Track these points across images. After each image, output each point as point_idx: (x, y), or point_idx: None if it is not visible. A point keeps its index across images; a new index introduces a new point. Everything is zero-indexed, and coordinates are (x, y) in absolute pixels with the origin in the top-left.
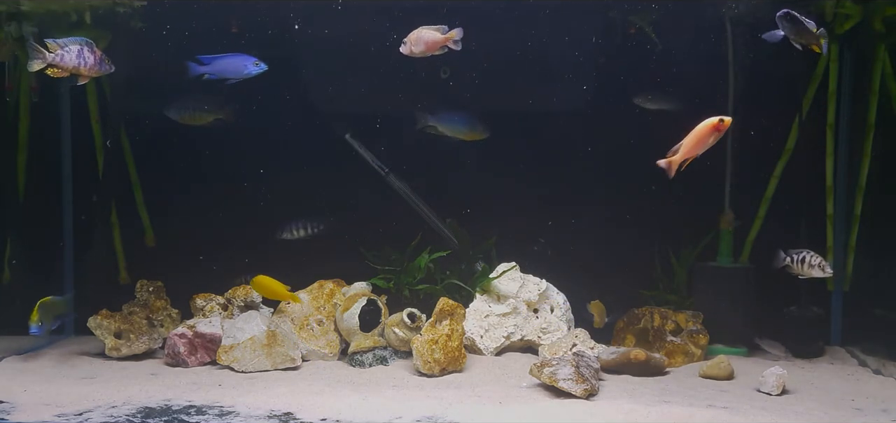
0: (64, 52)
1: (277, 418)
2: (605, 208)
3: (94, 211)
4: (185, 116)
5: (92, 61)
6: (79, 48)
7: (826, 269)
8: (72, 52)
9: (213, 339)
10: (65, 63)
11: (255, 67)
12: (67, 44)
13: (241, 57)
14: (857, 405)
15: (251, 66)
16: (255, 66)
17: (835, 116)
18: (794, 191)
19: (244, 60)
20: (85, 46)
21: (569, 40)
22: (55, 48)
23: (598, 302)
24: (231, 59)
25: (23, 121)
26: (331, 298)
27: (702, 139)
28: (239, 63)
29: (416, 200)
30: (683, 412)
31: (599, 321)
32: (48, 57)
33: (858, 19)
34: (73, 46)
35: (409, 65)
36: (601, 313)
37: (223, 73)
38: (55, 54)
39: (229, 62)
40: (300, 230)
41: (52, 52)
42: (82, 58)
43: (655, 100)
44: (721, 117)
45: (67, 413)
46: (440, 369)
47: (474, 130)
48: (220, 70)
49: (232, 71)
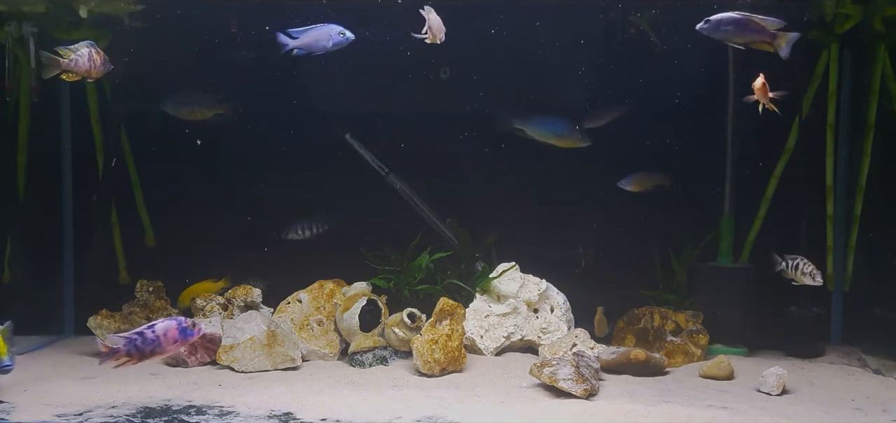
0: (77, 57)
1: (277, 418)
2: (605, 208)
3: (94, 211)
4: (183, 110)
5: (99, 62)
6: (88, 51)
7: (816, 278)
8: (83, 56)
9: (213, 339)
10: (79, 68)
11: (341, 37)
12: (78, 48)
13: (326, 27)
14: (857, 404)
15: (336, 35)
16: (340, 35)
17: (835, 116)
18: (794, 191)
19: (329, 30)
20: (92, 49)
21: (569, 39)
22: (68, 54)
23: (600, 313)
24: (318, 30)
25: (23, 121)
26: (331, 298)
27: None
28: (324, 34)
29: (416, 200)
30: (683, 412)
31: (600, 331)
32: (63, 64)
33: (858, 19)
34: (83, 50)
35: (408, 65)
36: (602, 322)
37: (311, 47)
38: (69, 60)
39: (317, 34)
40: (306, 231)
41: (66, 57)
42: (92, 60)
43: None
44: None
45: (67, 413)
46: (440, 369)
47: (569, 137)
48: (309, 44)
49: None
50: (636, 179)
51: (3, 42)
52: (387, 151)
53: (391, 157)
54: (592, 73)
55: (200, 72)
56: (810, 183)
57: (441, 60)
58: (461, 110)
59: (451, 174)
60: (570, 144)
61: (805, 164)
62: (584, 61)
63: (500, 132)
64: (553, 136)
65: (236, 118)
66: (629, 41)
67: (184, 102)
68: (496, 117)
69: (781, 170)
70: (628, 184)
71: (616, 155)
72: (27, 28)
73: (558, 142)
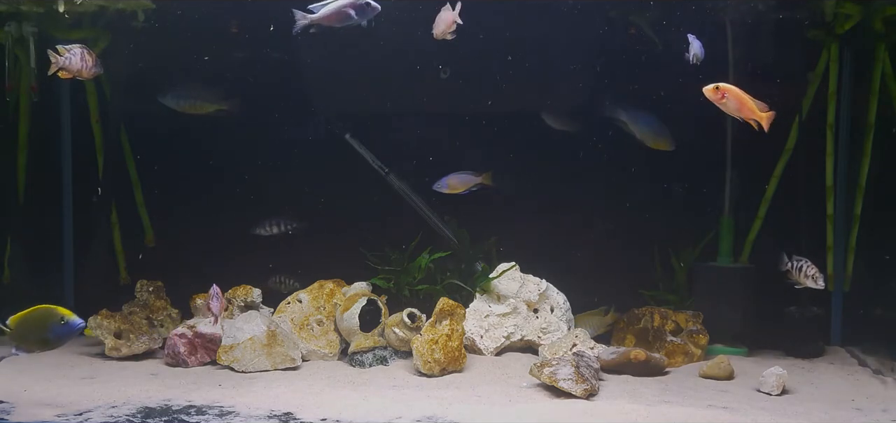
0: (70, 56)
1: (277, 418)
2: (605, 208)
3: (94, 211)
4: (184, 104)
5: (90, 63)
6: (80, 51)
7: (818, 281)
8: (76, 56)
9: (213, 339)
10: (71, 67)
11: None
12: (72, 48)
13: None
14: (857, 404)
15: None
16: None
17: (835, 116)
18: (794, 191)
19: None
20: (84, 50)
21: (569, 39)
22: (64, 52)
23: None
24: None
25: (23, 121)
26: (331, 298)
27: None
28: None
29: (416, 200)
30: (683, 412)
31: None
32: (60, 61)
33: (858, 19)
34: (76, 49)
35: (408, 65)
36: (598, 324)
37: (332, 19)
38: (64, 58)
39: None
40: (274, 227)
41: (62, 55)
42: (84, 60)
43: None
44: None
45: (67, 413)
46: (440, 369)
47: (662, 139)
48: (329, 15)
49: (340, 17)
50: (453, 181)
51: (3, 42)
52: (387, 152)
53: (391, 157)
54: (593, 73)
55: (200, 72)
56: (810, 183)
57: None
58: (461, 111)
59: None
60: (661, 146)
61: (805, 164)
62: (583, 61)
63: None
64: (651, 134)
65: (238, 115)
66: (629, 41)
67: (185, 96)
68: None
69: (781, 170)
70: (444, 187)
71: (616, 155)
72: (27, 28)
73: (650, 142)
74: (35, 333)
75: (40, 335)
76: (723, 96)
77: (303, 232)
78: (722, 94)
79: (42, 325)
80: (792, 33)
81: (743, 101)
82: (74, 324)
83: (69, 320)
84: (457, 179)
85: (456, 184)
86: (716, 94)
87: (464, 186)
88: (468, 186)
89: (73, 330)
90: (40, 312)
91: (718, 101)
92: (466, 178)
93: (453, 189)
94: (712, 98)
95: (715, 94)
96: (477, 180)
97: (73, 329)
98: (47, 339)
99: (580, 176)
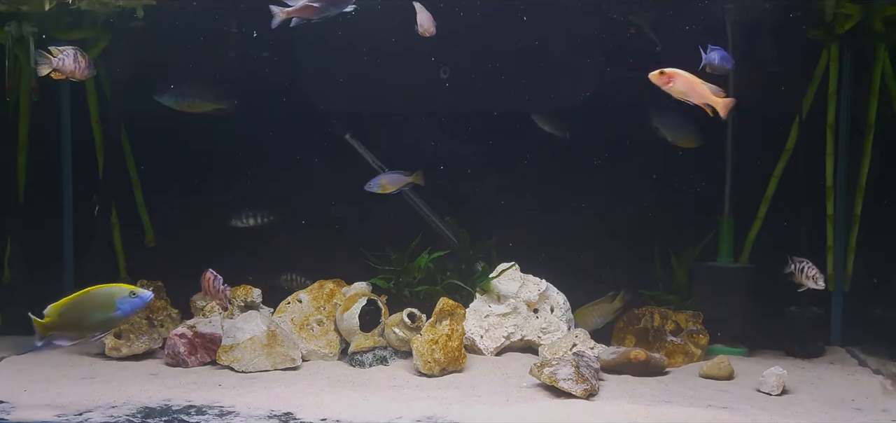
0: (64, 57)
1: (277, 418)
2: (605, 208)
3: (93, 211)
4: (183, 103)
5: (83, 64)
6: (73, 53)
7: (819, 282)
8: (69, 57)
9: (213, 339)
10: (64, 68)
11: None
12: (66, 50)
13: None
14: (857, 404)
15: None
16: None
17: (835, 116)
18: (794, 191)
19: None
20: (77, 51)
21: (568, 39)
22: (57, 53)
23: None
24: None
25: (23, 121)
26: (331, 298)
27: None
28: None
29: (416, 200)
30: (683, 412)
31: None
32: (53, 62)
33: (858, 19)
34: (69, 51)
35: (407, 65)
36: (606, 312)
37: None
38: (57, 59)
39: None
40: (250, 219)
41: (55, 56)
42: (77, 62)
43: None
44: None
45: (67, 413)
46: (440, 369)
47: (690, 137)
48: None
49: (317, 10)
50: (385, 181)
51: (3, 42)
52: (388, 152)
53: (391, 157)
54: (592, 72)
55: (201, 72)
56: (810, 183)
57: (441, 61)
58: (461, 110)
59: (451, 174)
60: (689, 144)
61: (805, 164)
62: (584, 60)
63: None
64: (678, 135)
65: (238, 115)
66: (629, 41)
67: (183, 94)
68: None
69: (781, 170)
70: (376, 187)
71: (615, 155)
72: (27, 28)
73: (681, 142)
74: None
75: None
76: (669, 81)
77: (303, 232)
78: (668, 78)
79: (106, 304)
80: (792, 33)
81: (692, 84)
82: (145, 296)
83: (140, 293)
84: (388, 180)
85: (387, 184)
86: (661, 78)
87: (395, 186)
88: (399, 186)
89: (143, 301)
90: (99, 291)
91: (665, 85)
92: (398, 178)
93: (385, 189)
94: (658, 83)
95: (661, 78)
96: (408, 180)
97: (145, 300)
98: (110, 318)
99: (580, 176)
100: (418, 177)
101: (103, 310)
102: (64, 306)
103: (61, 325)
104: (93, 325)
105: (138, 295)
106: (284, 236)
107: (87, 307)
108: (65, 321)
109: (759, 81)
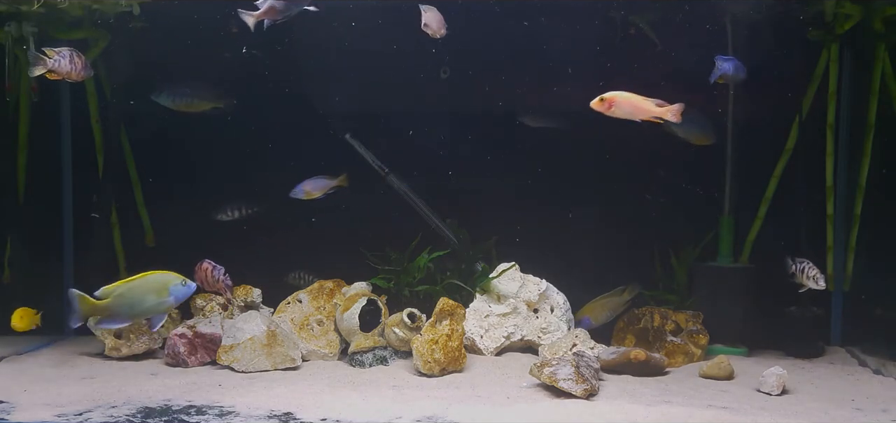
0: (60, 58)
1: (277, 418)
2: (604, 208)
3: (93, 211)
4: (180, 102)
5: (80, 65)
6: (69, 53)
7: (819, 282)
8: (65, 58)
9: (213, 339)
10: (60, 68)
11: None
12: (62, 51)
13: None
14: (857, 404)
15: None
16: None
17: (835, 116)
18: (794, 191)
19: None
20: (74, 52)
21: (568, 40)
22: (53, 54)
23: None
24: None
25: (23, 121)
26: (331, 298)
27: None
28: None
29: (416, 200)
30: (683, 412)
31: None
32: (49, 63)
33: (858, 19)
34: (65, 51)
35: (406, 64)
36: (617, 305)
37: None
38: (53, 60)
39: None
40: (235, 212)
41: (51, 57)
42: (73, 63)
43: (537, 118)
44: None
45: (67, 413)
46: (440, 369)
47: (705, 135)
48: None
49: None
50: (308, 187)
51: (3, 42)
52: (388, 152)
53: (391, 157)
54: (592, 73)
55: (201, 72)
56: (810, 183)
57: (441, 61)
58: (462, 110)
59: (452, 174)
60: (702, 141)
61: (805, 164)
62: (583, 60)
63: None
64: (692, 133)
65: (237, 114)
66: (628, 41)
67: (181, 94)
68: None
69: (781, 170)
70: (300, 194)
71: (615, 155)
72: (27, 28)
73: (694, 139)
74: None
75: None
76: (610, 106)
77: (303, 232)
78: (609, 104)
79: (161, 289)
80: (792, 33)
81: (635, 104)
82: (191, 286)
83: (188, 283)
84: (311, 185)
85: (311, 190)
86: (602, 105)
87: (320, 191)
88: (324, 191)
89: (191, 290)
90: (155, 277)
91: (607, 110)
92: (322, 183)
93: (309, 195)
94: (600, 109)
95: (602, 105)
96: (333, 183)
97: (191, 289)
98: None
99: (580, 176)
100: (343, 179)
101: (158, 295)
102: (121, 288)
103: (116, 307)
104: (146, 309)
105: (187, 284)
106: (285, 236)
107: (143, 291)
108: (121, 304)
109: (759, 81)
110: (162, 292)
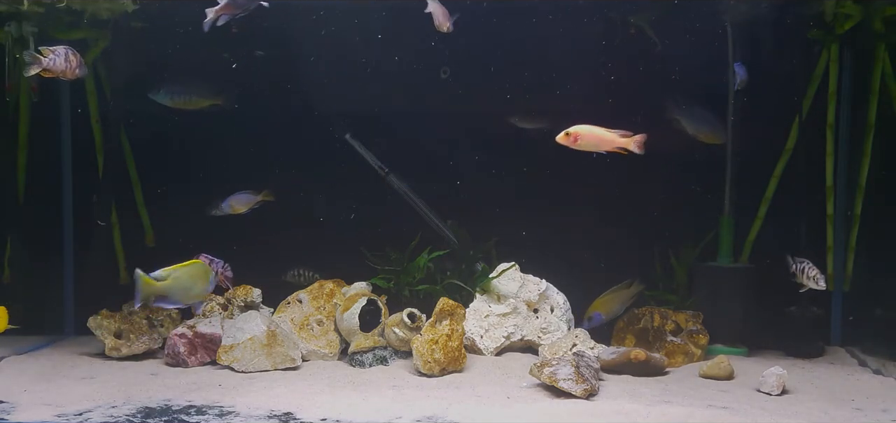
0: (55, 57)
1: (277, 418)
2: (604, 208)
3: (93, 211)
4: (178, 100)
5: (75, 64)
6: (65, 52)
7: (819, 282)
8: (61, 56)
9: (213, 339)
10: (55, 67)
11: None
12: (57, 49)
13: None
14: (857, 404)
15: None
16: None
17: (835, 116)
18: (794, 191)
19: None
20: (69, 51)
21: (567, 41)
22: (48, 53)
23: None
24: None
25: (23, 121)
26: (331, 298)
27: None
28: None
29: (416, 200)
30: (683, 412)
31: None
32: (44, 62)
33: (858, 19)
34: (60, 50)
35: (406, 65)
36: (625, 298)
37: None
38: (48, 59)
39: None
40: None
41: (46, 56)
42: (68, 61)
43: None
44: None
45: (67, 413)
46: (440, 369)
47: (715, 133)
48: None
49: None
50: (234, 202)
51: (3, 42)
52: (388, 152)
53: (391, 157)
54: (592, 73)
55: (201, 72)
56: (810, 183)
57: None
58: (462, 110)
59: (451, 172)
60: (712, 140)
61: (805, 164)
62: (584, 61)
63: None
64: (706, 130)
65: (239, 115)
66: (628, 41)
67: (178, 92)
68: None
69: (781, 170)
70: (227, 209)
71: (615, 155)
72: (27, 28)
73: (704, 137)
74: (198, 283)
75: (203, 287)
76: (575, 140)
77: (303, 232)
78: (574, 138)
79: (207, 276)
80: (792, 33)
81: (599, 137)
82: (213, 280)
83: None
84: (237, 200)
85: (237, 205)
86: (568, 139)
87: (246, 206)
88: (249, 206)
89: (214, 285)
90: (202, 264)
91: (573, 144)
92: (247, 198)
93: (235, 210)
94: (566, 144)
95: (567, 139)
96: (257, 199)
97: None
98: (206, 290)
99: (580, 176)
100: (266, 194)
101: (204, 282)
102: (178, 271)
103: (173, 289)
104: (196, 294)
105: (214, 276)
106: (285, 236)
107: (195, 277)
108: (177, 286)
109: (759, 80)
110: (206, 280)
